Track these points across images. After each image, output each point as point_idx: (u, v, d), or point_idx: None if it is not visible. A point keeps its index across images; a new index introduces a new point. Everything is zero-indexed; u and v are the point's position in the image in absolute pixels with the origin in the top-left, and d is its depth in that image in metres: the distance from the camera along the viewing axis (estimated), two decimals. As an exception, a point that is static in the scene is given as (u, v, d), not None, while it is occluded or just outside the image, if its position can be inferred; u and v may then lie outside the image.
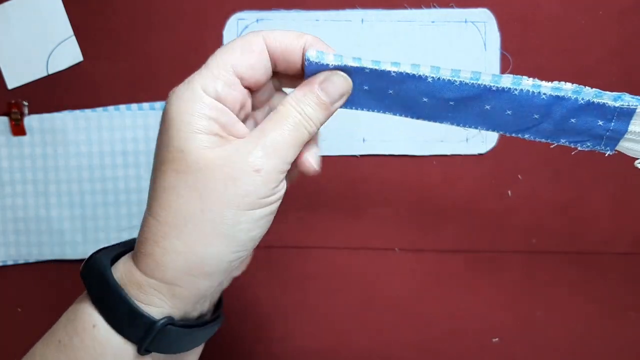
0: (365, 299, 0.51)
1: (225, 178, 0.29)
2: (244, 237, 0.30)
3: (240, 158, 0.29)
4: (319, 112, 0.31)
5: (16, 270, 0.52)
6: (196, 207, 0.29)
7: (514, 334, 0.51)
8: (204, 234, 0.29)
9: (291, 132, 0.30)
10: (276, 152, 0.30)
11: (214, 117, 0.30)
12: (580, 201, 0.50)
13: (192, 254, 0.29)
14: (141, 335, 0.30)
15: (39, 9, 0.50)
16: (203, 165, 0.29)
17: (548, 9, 0.49)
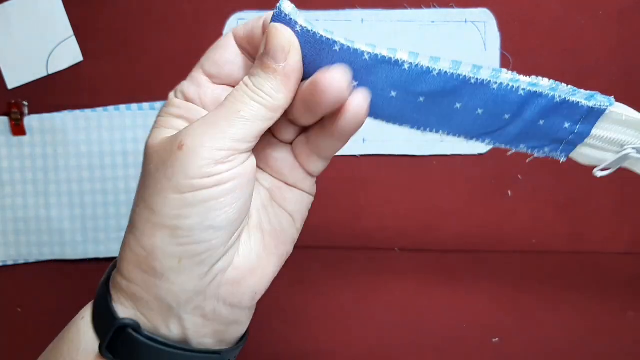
0: (365, 299, 0.51)
1: (157, 162, 0.26)
2: (184, 225, 0.26)
3: (172, 138, 0.26)
4: (264, 77, 0.27)
5: (16, 270, 0.52)
6: (139, 197, 0.27)
7: (514, 334, 0.51)
8: (145, 224, 0.26)
9: (230, 105, 0.26)
10: (206, 126, 0.26)
11: (180, 115, 0.28)
12: (580, 201, 0.50)
13: (140, 246, 0.27)
14: (105, 332, 0.28)
15: (39, 9, 0.50)
16: (152, 153, 0.27)
17: (548, 9, 0.49)
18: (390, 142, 0.50)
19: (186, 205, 0.26)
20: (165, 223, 0.26)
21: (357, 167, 0.51)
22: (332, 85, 0.26)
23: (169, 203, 0.26)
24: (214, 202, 0.26)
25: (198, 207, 0.26)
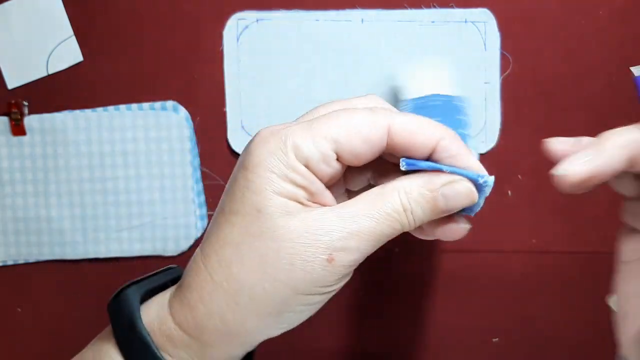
0: (366, 299, 0.51)
1: (295, 258, 0.26)
2: (293, 318, 0.28)
3: (316, 237, 0.26)
4: (427, 214, 0.28)
5: (16, 270, 0.52)
6: (258, 280, 0.26)
7: (514, 334, 0.51)
8: (257, 310, 0.27)
9: (383, 223, 0.27)
10: (358, 243, 0.27)
11: (301, 185, 0.27)
12: (580, 201, 0.50)
13: (240, 325, 0.27)
14: None
15: (39, 9, 0.50)
16: (277, 234, 0.26)
17: (548, 9, 0.49)
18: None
19: (309, 304, 0.28)
20: (279, 310, 0.27)
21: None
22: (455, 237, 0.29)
23: (298, 303, 0.27)
24: (326, 300, 0.29)
25: (315, 305, 0.29)
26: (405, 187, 0.27)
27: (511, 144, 0.50)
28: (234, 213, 0.27)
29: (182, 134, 0.50)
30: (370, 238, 0.27)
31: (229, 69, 0.50)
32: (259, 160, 0.27)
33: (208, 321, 0.27)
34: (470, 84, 0.50)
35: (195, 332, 0.28)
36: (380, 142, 0.27)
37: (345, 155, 0.27)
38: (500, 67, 0.49)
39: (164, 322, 0.28)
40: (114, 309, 0.29)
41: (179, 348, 0.28)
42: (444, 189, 0.27)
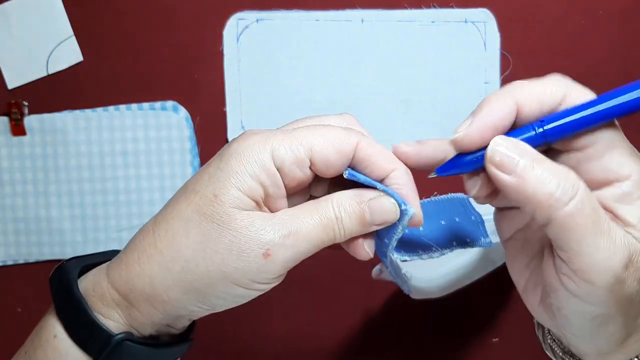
0: (366, 299, 0.51)
1: (234, 247, 0.28)
2: (216, 303, 0.30)
3: (257, 234, 0.28)
4: (355, 225, 0.30)
5: (16, 270, 0.52)
6: (194, 257, 0.29)
7: (514, 334, 0.51)
8: (185, 283, 0.29)
9: (317, 228, 0.29)
10: (294, 242, 0.29)
11: (264, 184, 0.29)
12: (580, 201, 0.50)
13: (165, 291, 0.29)
14: (98, 348, 0.30)
15: (39, 9, 0.50)
16: (224, 221, 0.28)
17: (548, 9, 0.49)
18: (390, 142, 0.50)
19: (234, 295, 0.29)
20: (204, 292, 0.29)
21: (357, 167, 0.51)
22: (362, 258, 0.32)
23: (226, 291, 0.29)
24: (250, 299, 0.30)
25: (238, 299, 0.30)
26: (338, 198, 0.30)
27: (511, 144, 0.50)
28: (195, 192, 0.29)
29: (182, 134, 0.50)
30: (305, 239, 0.29)
31: (229, 69, 0.50)
32: (235, 153, 0.29)
33: (138, 280, 0.29)
34: (470, 84, 0.50)
35: (124, 289, 0.30)
36: (348, 155, 0.29)
37: (317, 164, 0.29)
38: (500, 67, 0.49)
39: (98, 282, 0.31)
40: (53, 280, 0.32)
41: (110, 307, 0.30)
42: (370, 202, 0.30)
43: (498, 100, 0.28)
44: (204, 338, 0.52)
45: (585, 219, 0.25)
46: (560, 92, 0.28)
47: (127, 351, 0.30)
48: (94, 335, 0.30)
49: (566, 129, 0.27)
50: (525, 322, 0.51)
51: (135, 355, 0.30)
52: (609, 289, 0.26)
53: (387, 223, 0.30)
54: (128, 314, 0.30)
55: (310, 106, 0.50)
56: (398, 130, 0.50)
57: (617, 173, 0.27)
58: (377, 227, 0.30)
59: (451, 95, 0.50)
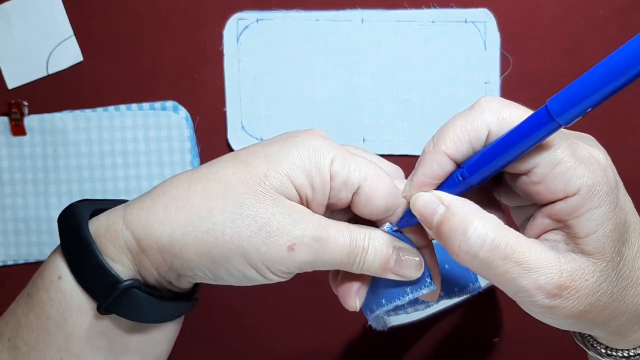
0: (365, 299, 0.51)
1: (264, 226, 0.28)
2: (221, 275, 0.29)
3: (291, 224, 0.28)
4: (376, 263, 0.30)
5: (16, 270, 0.52)
6: (225, 223, 0.28)
7: (514, 334, 0.51)
8: (203, 246, 0.28)
9: (343, 248, 0.29)
10: (318, 251, 0.29)
11: (313, 186, 0.29)
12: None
13: (181, 247, 0.28)
14: (104, 293, 0.29)
15: (39, 9, 0.50)
16: (266, 200, 0.28)
17: (548, 9, 0.49)
18: (390, 142, 0.50)
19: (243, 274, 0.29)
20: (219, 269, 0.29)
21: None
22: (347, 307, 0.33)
23: (239, 268, 0.29)
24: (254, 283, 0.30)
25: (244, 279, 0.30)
26: (374, 234, 0.30)
27: (511, 144, 0.50)
28: (245, 164, 0.29)
29: (182, 134, 0.50)
30: (330, 251, 0.29)
31: (229, 69, 0.50)
32: (299, 145, 0.29)
33: (159, 227, 0.29)
34: (470, 84, 0.50)
35: (141, 232, 0.29)
36: (389, 206, 0.30)
37: (360, 196, 0.30)
38: (500, 67, 0.49)
39: (112, 224, 0.30)
40: (61, 219, 0.31)
41: (120, 250, 0.29)
42: (400, 251, 0.30)
43: (430, 159, 0.30)
44: (205, 339, 0.52)
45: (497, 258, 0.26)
46: (484, 130, 0.28)
47: (134, 299, 0.29)
48: (101, 279, 0.29)
49: (485, 175, 0.28)
50: (525, 322, 0.51)
51: (141, 304, 0.30)
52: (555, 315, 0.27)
53: (404, 277, 0.30)
54: (138, 260, 0.29)
55: (310, 106, 0.50)
56: (398, 130, 0.50)
57: (564, 190, 0.27)
58: (394, 277, 0.30)
59: (451, 95, 0.50)
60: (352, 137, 0.50)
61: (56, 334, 0.30)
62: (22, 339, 0.31)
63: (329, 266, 0.30)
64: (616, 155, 0.33)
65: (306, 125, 0.50)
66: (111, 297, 0.29)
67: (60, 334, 0.30)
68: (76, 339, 0.30)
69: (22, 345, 0.31)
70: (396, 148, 0.50)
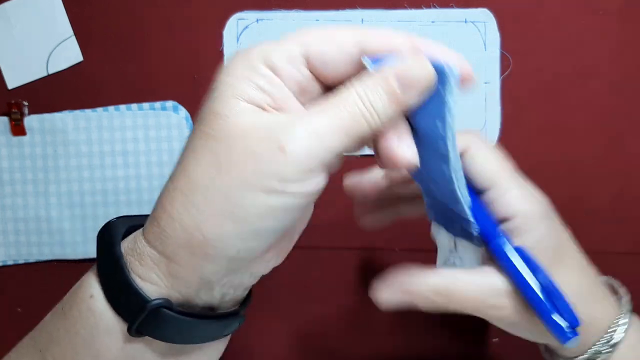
0: (365, 299, 0.51)
1: (247, 151, 0.25)
2: (256, 225, 0.26)
3: (269, 132, 0.25)
4: (386, 103, 0.26)
5: (16, 270, 0.52)
6: (211, 178, 0.26)
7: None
8: (212, 210, 0.26)
9: (344, 118, 0.25)
10: (315, 135, 0.25)
11: (263, 88, 0.26)
12: (580, 201, 0.50)
13: (196, 229, 0.26)
14: (134, 314, 0.27)
15: (39, 9, 0.50)
16: (231, 132, 0.26)
17: (548, 9, 0.49)
18: (390, 142, 0.50)
19: (270, 208, 0.26)
20: (237, 214, 0.25)
21: (357, 167, 0.51)
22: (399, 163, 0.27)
23: (250, 200, 0.25)
24: (294, 213, 0.26)
25: (279, 212, 0.26)
26: (359, 80, 0.26)
27: (511, 144, 0.50)
28: (197, 122, 0.28)
29: (182, 134, 0.50)
30: (330, 132, 0.25)
31: (229, 69, 0.50)
32: (225, 69, 0.27)
33: (169, 228, 0.26)
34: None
35: (159, 244, 0.27)
36: (350, 50, 0.27)
37: (315, 61, 0.27)
38: (500, 67, 0.49)
39: (136, 241, 0.28)
40: (99, 237, 0.29)
41: (148, 267, 0.27)
42: (396, 71, 0.26)
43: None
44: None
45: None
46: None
47: (164, 319, 0.27)
48: (129, 299, 0.27)
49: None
50: (525, 322, 0.51)
51: (175, 324, 0.27)
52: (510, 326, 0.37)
53: (424, 89, 0.26)
54: (168, 272, 0.27)
55: (310, 106, 0.50)
56: (398, 130, 0.50)
57: (508, 212, 0.34)
58: (414, 99, 0.26)
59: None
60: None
61: (83, 353, 0.28)
62: (51, 353, 0.29)
63: (350, 137, 0.26)
64: (616, 155, 0.33)
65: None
66: (139, 318, 0.27)
67: (88, 353, 0.28)
68: (103, 358, 0.28)
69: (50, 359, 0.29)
70: (396, 148, 0.50)
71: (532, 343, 0.45)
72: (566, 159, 0.50)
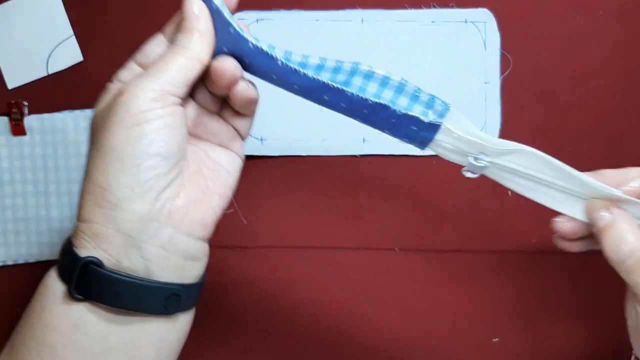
0: (365, 299, 0.51)
1: (103, 116, 0.32)
2: (132, 154, 0.30)
3: (113, 95, 0.33)
4: (183, 37, 0.33)
5: (16, 270, 0.52)
6: (92, 149, 0.32)
7: (514, 334, 0.51)
8: (100, 165, 0.31)
9: (159, 62, 0.32)
10: (140, 78, 0.32)
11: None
12: (580, 201, 0.50)
13: (96, 186, 0.31)
14: (70, 274, 0.31)
15: (39, 9, 0.50)
16: (96, 117, 0.32)
17: (548, 9, 0.49)
18: (391, 142, 0.50)
19: (132, 137, 0.30)
20: (115, 157, 0.30)
21: (357, 167, 0.51)
22: (224, 72, 0.32)
23: (117, 138, 0.30)
24: (155, 134, 0.31)
25: (142, 137, 0.30)
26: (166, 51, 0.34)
27: (511, 144, 0.50)
28: (91, 128, 0.33)
29: (182, 134, 0.50)
30: (155, 69, 0.32)
31: (229, 69, 0.50)
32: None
33: (84, 194, 0.31)
34: (470, 84, 0.50)
35: (82, 213, 0.31)
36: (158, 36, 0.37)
37: (140, 59, 0.36)
38: (500, 67, 0.49)
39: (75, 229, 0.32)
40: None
41: (78, 237, 0.31)
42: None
43: None
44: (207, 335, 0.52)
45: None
46: None
47: (96, 277, 0.30)
48: (67, 261, 0.31)
49: None
50: (525, 322, 0.51)
51: (108, 285, 0.30)
52: None
53: (195, 15, 0.33)
54: (92, 233, 0.31)
55: (309, 106, 0.50)
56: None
57: None
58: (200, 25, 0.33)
59: (451, 95, 0.50)
60: (351, 137, 0.50)
61: (37, 324, 0.31)
62: (17, 338, 0.32)
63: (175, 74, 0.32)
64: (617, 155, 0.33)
65: (306, 125, 0.50)
66: (74, 277, 0.30)
67: (39, 324, 0.31)
68: (51, 328, 0.31)
69: (16, 343, 0.32)
70: (396, 148, 0.50)
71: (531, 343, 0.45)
72: (566, 158, 0.50)
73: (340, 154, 0.50)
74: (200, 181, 0.34)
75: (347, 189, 0.51)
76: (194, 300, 0.34)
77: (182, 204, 0.32)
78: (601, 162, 0.50)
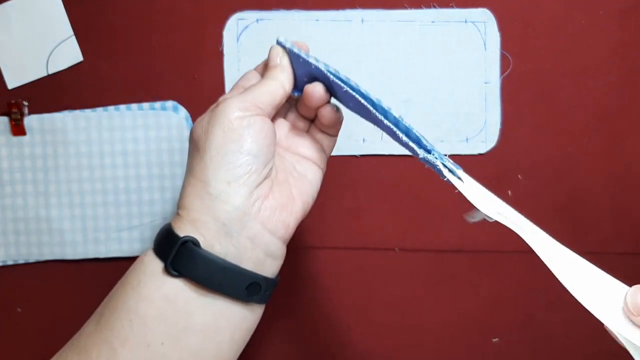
0: (365, 299, 0.51)
1: (205, 129, 0.36)
2: (229, 151, 0.35)
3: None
4: (269, 72, 0.38)
5: (16, 270, 0.52)
6: (193, 152, 0.36)
7: (514, 334, 0.51)
8: (200, 163, 0.35)
9: (251, 88, 0.37)
10: (234, 97, 0.36)
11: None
12: (580, 201, 0.50)
13: (198, 179, 0.35)
14: (169, 251, 0.34)
15: (39, 9, 0.50)
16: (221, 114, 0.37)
17: (548, 9, 0.49)
18: (391, 142, 0.50)
19: (228, 138, 0.35)
20: (215, 154, 0.35)
21: (357, 167, 0.51)
22: (314, 94, 0.38)
23: (217, 139, 0.35)
24: (247, 136, 0.35)
25: (236, 138, 0.35)
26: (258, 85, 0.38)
27: (511, 144, 0.50)
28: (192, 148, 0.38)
29: (182, 134, 0.50)
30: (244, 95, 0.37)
31: (229, 69, 0.50)
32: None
33: (185, 186, 0.36)
34: (470, 84, 0.50)
35: (183, 202, 0.36)
36: (252, 72, 0.41)
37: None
38: (500, 67, 0.49)
39: (174, 215, 0.36)
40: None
41: (178, 221, 0.35)
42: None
43: None
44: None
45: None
46: None
47: (192, 255, 0.34)
48: (167, 241, 0.35)
49: None
50: (525, 322, 0.51)
51: (202, 263, 0.34)
52: None
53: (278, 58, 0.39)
54: (191, 219, 0.35)
55: (310, 106, 0.50)
56: (398, 130, 0.50)
57: None
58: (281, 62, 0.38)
59: (451, 95, 0.50)
60: (351, 137, 0.50)
61: (131, 295, 0.35)
62: (107, 308, 0.35)
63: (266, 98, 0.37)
64: (617, 155, 0.33)
65: (306, 125, 0.50)
66: (172, 253, 0.34)
67: (134, 295, 0.35)
68: (145, 299, 0.34)
69: (105, 312, 0.35)
70: (396, 148, 0.50)
71: (531, 343, 0.45)
72: (566, 158, 0.50)
73: (340, 154, 0.50)
74: (287, 189, 0.38)
75: (347, 189, 0.51)
76: (269, 294, 0.38)
77: (270, 204, 0.36)
78: (601, 162, 0.50)
